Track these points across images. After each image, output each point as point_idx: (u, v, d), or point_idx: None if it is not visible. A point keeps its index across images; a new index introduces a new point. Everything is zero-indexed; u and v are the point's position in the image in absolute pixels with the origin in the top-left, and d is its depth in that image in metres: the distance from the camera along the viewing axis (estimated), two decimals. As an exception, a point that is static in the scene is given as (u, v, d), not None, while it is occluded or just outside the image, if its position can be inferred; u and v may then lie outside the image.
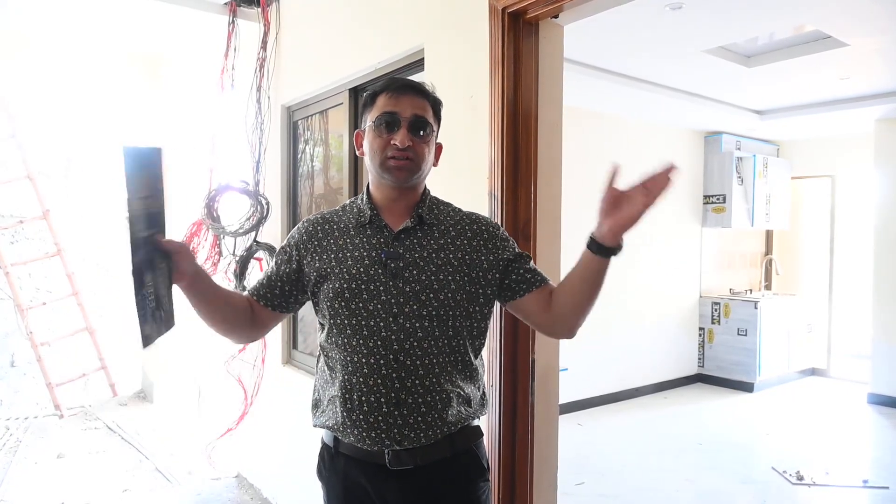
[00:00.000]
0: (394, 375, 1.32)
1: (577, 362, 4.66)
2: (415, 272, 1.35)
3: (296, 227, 1.51)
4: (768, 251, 7.09)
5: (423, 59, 2.21)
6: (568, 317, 1.38)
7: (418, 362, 1.33)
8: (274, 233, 3.32)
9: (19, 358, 5.02)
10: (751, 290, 6.77)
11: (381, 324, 1.33)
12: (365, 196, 1.45)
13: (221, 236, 3.39)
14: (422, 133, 1.37)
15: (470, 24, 1.98)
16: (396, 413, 1.31)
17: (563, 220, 2.01)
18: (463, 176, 2.01)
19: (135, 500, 3.50)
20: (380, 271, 1.35)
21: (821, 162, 6.58)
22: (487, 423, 1.88)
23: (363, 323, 1.34)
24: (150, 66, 5.17)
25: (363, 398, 1.32)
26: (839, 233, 6.59)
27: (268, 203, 3.25)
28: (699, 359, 6.39)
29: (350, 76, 2.69)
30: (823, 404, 5.73)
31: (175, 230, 3.92)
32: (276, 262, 1.48)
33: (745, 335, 6.05)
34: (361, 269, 1.36)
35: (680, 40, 3.70)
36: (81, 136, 5.26)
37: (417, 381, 1.32)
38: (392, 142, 1.35)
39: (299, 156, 3.31)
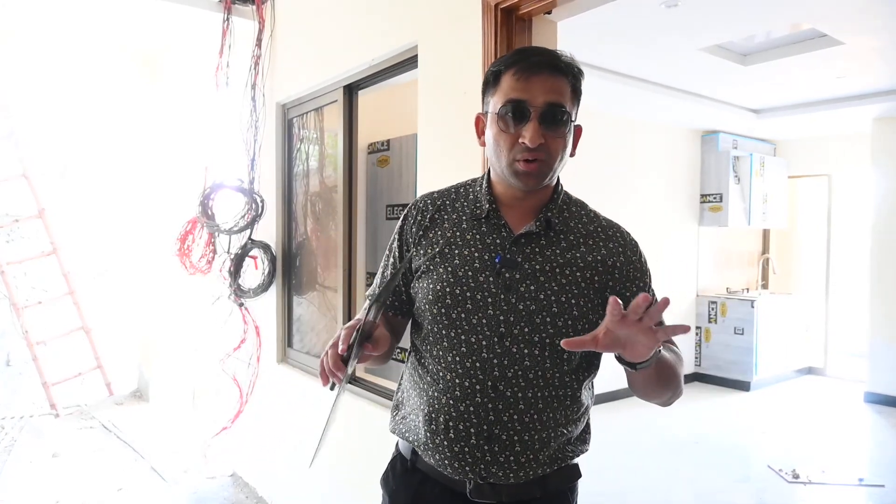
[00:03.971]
0: (489, 405, 1.12)
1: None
2: (532, 288, 1.14)
3: (404, 215, 1.29)
4: (765, 250, 7.09)
5: (416, 56, 2.21)
6: (646, 398, 1.23)
7: (520, 394, 1.13)
8: (269, 231, 3.32)
9: (15, 357, 5.00)
10: (747, 289, 6.77)
11: (484, 343, 1.13)
12: (485, 184, 1.22)
13: (216, 234, 3.38)
14: (558, 125, 1.12)
15: (463, 21, 1.98)
16: (486, 448, 1.12)
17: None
18: (457, 173, 2.00)
19: (130, 499, 3.49)
20: (490, 279, 1.14)
21: (818, 161, 6.58)
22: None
23: (462, 338, 1.14)
24: (145, 64, 5.16)
25: (450, 423, 1.14)
26: (836, 232, 6.59)
27: (262, 201, 3.24)
28: (696, 358, 6.40)
29: (344, 73, 2.68)
30: (820, 403, 5.73)
31: (170, 228, 3.92)
32: (392, 264, 1.28)
33: (742, 334, 6.05)
34: (470, 273, 1.15)
35: (676, 38, 3.69)
36: (77, 135, 5.25)
37: (516, 416, 1.13)
38: (521, 140, 1.10)
39: (294, 153, 3.30)
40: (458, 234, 1.20)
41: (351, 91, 2.75)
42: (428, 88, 2.16)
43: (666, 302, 0.94)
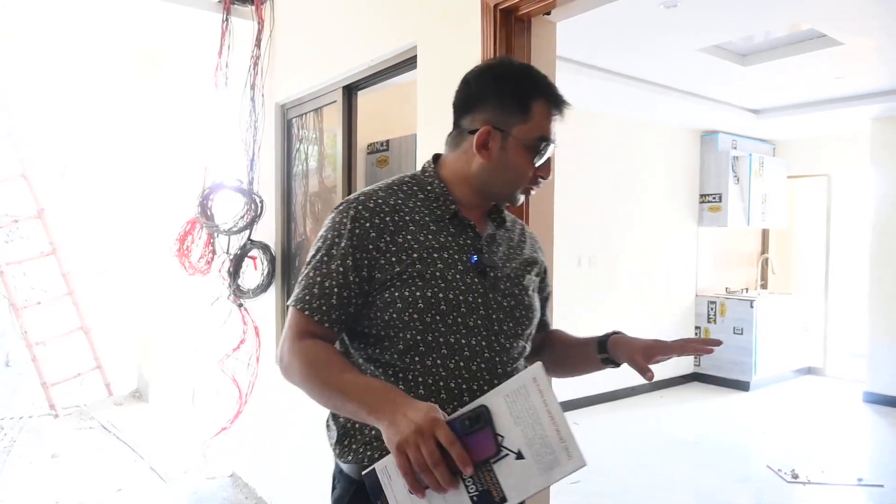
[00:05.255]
0: None
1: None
2: (508, 284, 1.20)
3: (351, 217, 1.15)
4: (764, 250, 7.10)
5: (416, 56, 2.21)
6: (552, 373, 1.32)
7: None
8: (268, 231, 3.32)
9: (14, 357, 5.00)
10: (747, 289, 6.77)
11: (484, 343, 1.14)
12: (438, 183, 1.22)
13: (215, 234, 3.38)
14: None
15: (462, 21, 1.98)
16: None
17: (557, 218, 2.00)
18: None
19: (129, 500, 3.49)
20: (476, 280, 1.15)
21: (817, 161, 6.58)
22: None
23: (463, 342, 1.12)
24: (145, 65, 5.16)
25: None
26: (835, 232, 6.59)
27: (262, 201, 3.24)
28: (695, 358, 6.39)
29: (344, 74, 2.68)
30: (819, 403, 5.74)
31: (169, 228, 3.92)
32: (337, 271, 1.13)
33: (742, 334, 6.06)
34: (458, 276, 1.14)
35: (675, 39, 3.70)
36: (77, 135, 5.25)
37: None
38: (539, 174, 1.20)
39: (293, 154, 3.30)
40: (430, 236, 1.15)
41: (350, 91, 2.75)
42: (427, 89, 2.16)
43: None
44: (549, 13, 1.85)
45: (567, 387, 4.90)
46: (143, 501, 3.48)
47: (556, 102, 1.18)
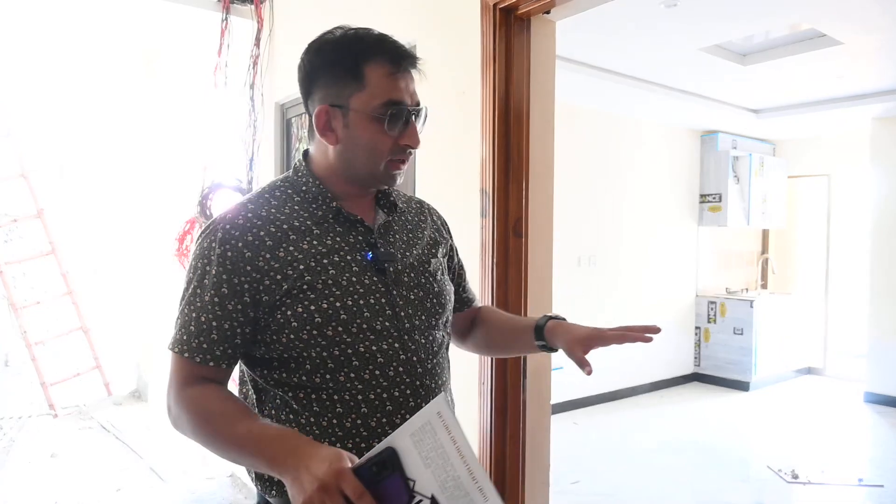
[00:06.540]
0: (423, 405, 1.02)
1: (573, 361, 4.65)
2: (413, 275, 1.12)
3: (215, 243, 1.02)
4: (764, 250, 7.09)
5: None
6: (478, 350, 1.35)
7: (439, 381, 1.12)
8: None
9: (13, 357, 5.00)
10: (747, 289, 6.77)
11: (397, 345, 1.05)
12: (312, 181, 1.10)
13: (215, 234, 3.37)
14: (421, 123, 1.10)
15: (462, 20, 1.97)
16: None
17: (557, 217, 1.99)
18: (454, 172, 2.00)
19: (129, 500, 3.48)
20: (375, 279, 1.06)
21: (817, 161, 6.58)
22: (479, 420, 1.87)
23: (374, 349, 1.03)
24: (144, 64, 5.15)
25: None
26: (835, 232, 6.59)
27: (261, 201, 3.24)
28: (695, 358, 6.39)
29: (343, 73, 2.68)
30: (819, 403, 5.73)
31: (168, 228, 3.91)
32: (212, 303, 1.00)
33: (741, 334, 6.05)
34: (354, 279, 1.04)
35: (675, 38, 3.69)
36: (76, 135, 5.24)
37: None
38: (402, 143, 1.06)
39: (293, 154, 3.30)
40: (314, 242, 1.04)
41: (349, 91, 2.74)
42: (426, 88, 2.15)
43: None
44: (548, 12, 1.85)
45: (566, 387, 4.92)
46: (142, 501, 3.48)
47: (392, 59, 1.05)
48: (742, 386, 6.02)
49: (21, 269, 5.00)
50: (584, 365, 1.09)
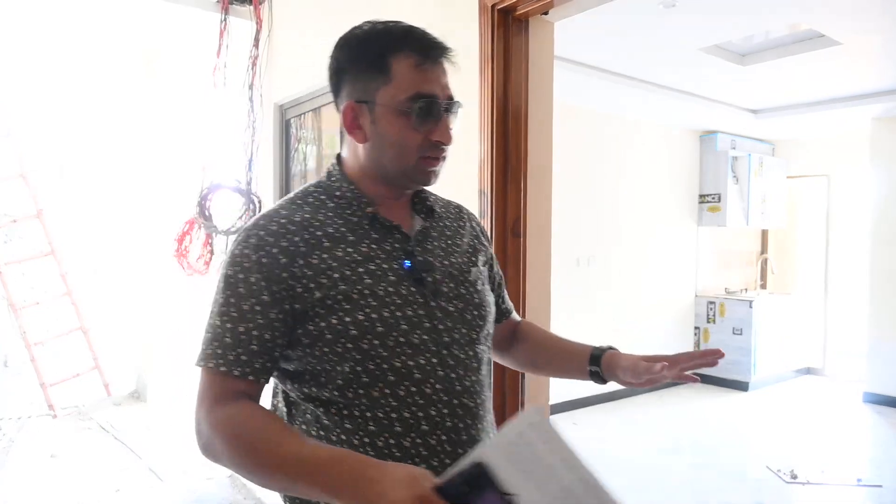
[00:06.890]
0: (460, 426, 0.99)
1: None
2: (452, 285, 1.05)
3: (249, 249, 0.97)
4: (764, 250, 7.09)
5: (413, 57, 2.20)
6: (520, 367, 1.32)
7: (478, 399, 1.03)
8: (267, 231, 3.31)
9: (13, 358, 4.99)
10: (746, 290, 6.77)
11: (435, 360, 0.98)
12: (346, 185, 1.05)
13: (213, 235, 3.38)
14: (454, 118, 1.04)
15: (460, 21, 1.97)
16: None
17: (555, 218, 1.99)
18: (453, 173, 1.99)
19: (128, 500, 3.48)
20: (413, 289, 1.00)
21: (816, 161, 6.58)
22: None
23: (410, 364, 0.96)
24: (143, 64, 5.15)
25: (424, 463, 0.96)
26: (835, 232, 6.59)
27: (260, 202, 3.24)
28: (695, 358, 6.38)
29: (342, 74, 2.68)
30: (818, 403, 5.73)
31: (167, 228, 3.91)
32: (252, 311, 0.94)
33: (741, 334, 6.05)
34: (391, 289, 0.98)
35: (674, 39, 3.69)
36: (75, 135, 5.24)
37: (479, 425, 1.02)
38: (433, 138, 1.01)
39: (292, 154, 3.30)
40: (349, 249, 0.99)
41: (348, 91, 2.74)
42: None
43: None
44: (546, 13, 1.85)
45: (566, 387, 4.91)
46: (141, 502, 3.48)
47: (420, 49, 1.01)
48: (741, 386, 6.02)
49: (20, 269, 5.00)
50: (655, 374, 1.10)
